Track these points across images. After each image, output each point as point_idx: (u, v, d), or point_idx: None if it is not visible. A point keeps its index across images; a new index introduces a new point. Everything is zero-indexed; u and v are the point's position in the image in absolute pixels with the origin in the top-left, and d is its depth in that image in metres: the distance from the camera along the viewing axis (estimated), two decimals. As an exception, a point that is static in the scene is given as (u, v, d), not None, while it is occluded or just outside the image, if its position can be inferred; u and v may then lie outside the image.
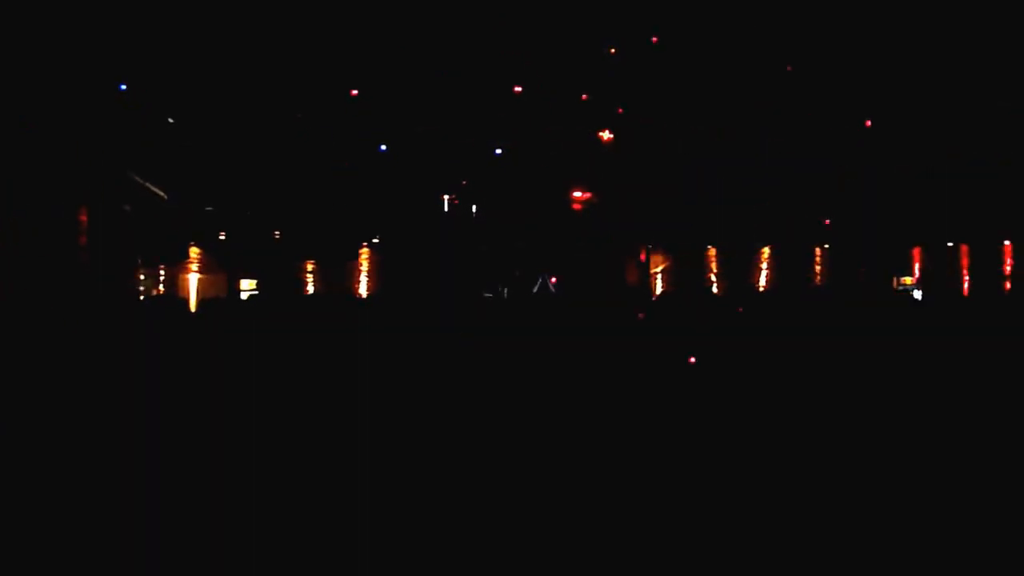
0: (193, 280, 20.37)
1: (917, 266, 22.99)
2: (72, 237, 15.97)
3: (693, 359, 8.84)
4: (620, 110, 19.70)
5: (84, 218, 16.71)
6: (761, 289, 21.80)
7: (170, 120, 18.21)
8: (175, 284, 20.15)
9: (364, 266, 21.20)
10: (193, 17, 16.71)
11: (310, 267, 21.04)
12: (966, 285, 22.04)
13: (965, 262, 22.45)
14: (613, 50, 18.84)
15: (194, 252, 20.21)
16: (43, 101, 14.28)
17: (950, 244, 22.64)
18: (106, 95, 16.30)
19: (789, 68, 19.14)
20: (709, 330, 11.23)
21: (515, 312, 14.39)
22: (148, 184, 17.56)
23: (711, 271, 22.07)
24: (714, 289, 21.57)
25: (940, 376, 7.64)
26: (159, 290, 20.02)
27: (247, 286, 20.20)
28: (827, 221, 21.38)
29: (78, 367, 7.92)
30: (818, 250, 22.66)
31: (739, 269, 21.98)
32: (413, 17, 17.61)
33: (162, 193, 17.30)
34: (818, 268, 22.49)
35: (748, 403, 6.67)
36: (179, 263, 20.07)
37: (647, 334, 10.79)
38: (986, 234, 21.41)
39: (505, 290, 19.94)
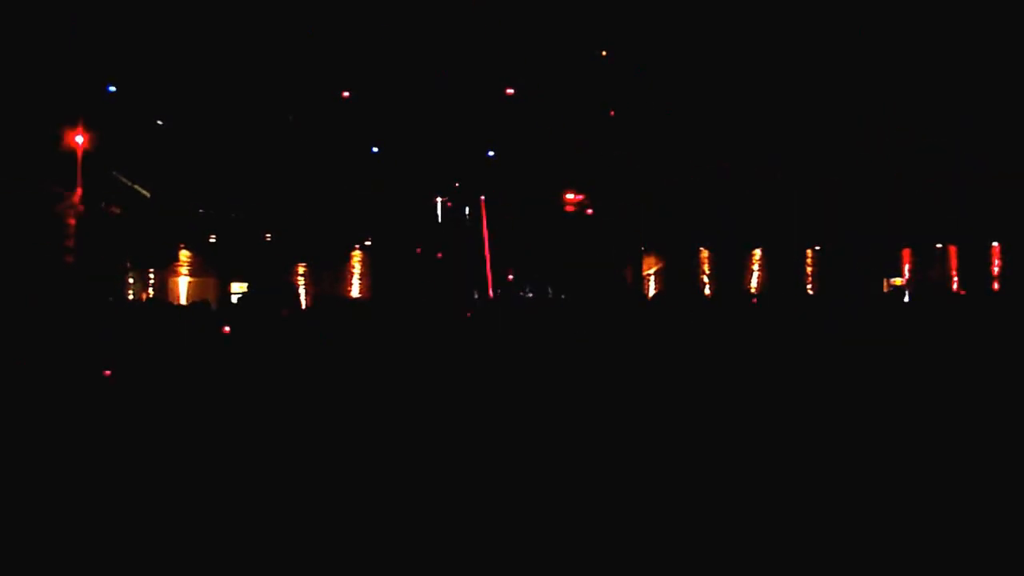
0: (183, 283, 20.25)
1: (907, 267, 23.10)
2: (60, 240, 15.83)
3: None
4: (612, 112, 19.71)
5: (72, 221, 16.57)
6: (753, 290, 21.87)
7: (159, 122, 18.10)
8: (165, 287, 20.04)
9: (356, 268, 21.14)
10: (182, 18, 16.61)
11: (302, 270, 20.97)
12: (955, 285, 22.16)
13: (954, 263, 22.58)
14: (605, 53, 18.84)
15: (184, 255, 20.09)
16: (31, 103, 14.19)
17: (939, 246, 22.77)
18: (95, 97, 16.20)
19: (780, 71, 19.19)
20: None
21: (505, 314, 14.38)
22: (137, 186, 17.45)
23: (703, 273, 22.12)
24: (706, 291, 21.61)
25: (927, 375, 7.65)
26: (148, 293, 19.88)
27: (238, 289, 20.08)
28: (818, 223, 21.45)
29: (66, 371, 7.85)
30: (809, 252, 22.75)
31: (731, 271, 22.04)
32: (404, 19, 17.57)
33: (147, 193, 17.20)
34: (809, 270, 22.58)
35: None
36: (169, 266, 19.95)
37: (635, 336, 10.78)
38: (975, 235, 21.53)
39: (499, 292, 19.90)
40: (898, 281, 22.81)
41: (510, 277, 20.17)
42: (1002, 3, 17.63)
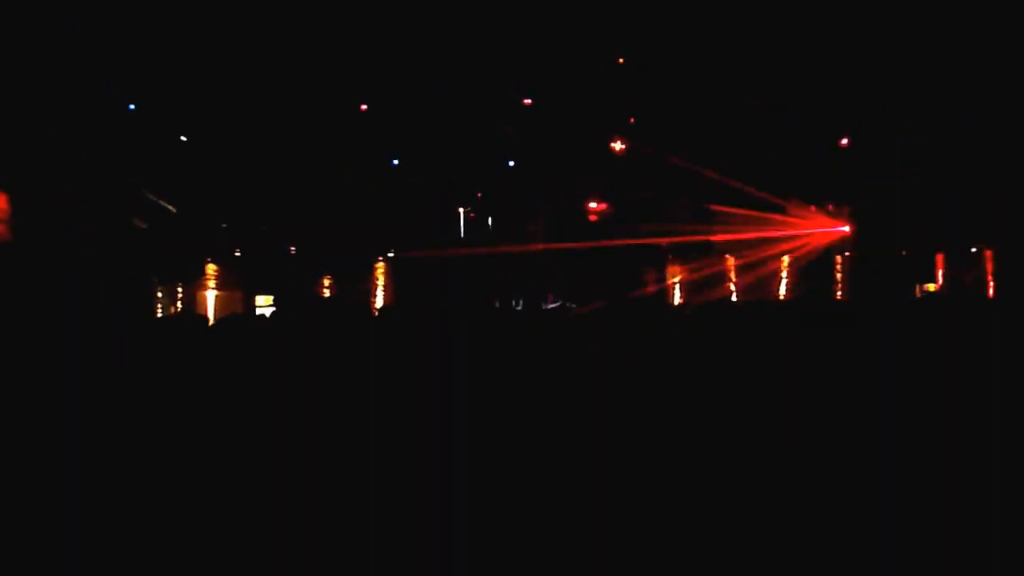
0: (210, 297, 20.46)
1: (940, 272, 22.68)
2: (88, 254, 16.05)
3: None
4: (632, 120, 19.61)
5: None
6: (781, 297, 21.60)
7: (183, 138, 18.34)
8: (193, 301, 20.30)
9: (380, 280, 21.22)
10: (206, 33, 16.84)
11: (327, 282, 21.09)
12: (991, 290, 21.69)
13: (990, 267, 22.12)
14: (622, 60, 18.76)
15: (211, 269, 20.29)
16: (56, 119, 14.44)
17: (974, 249, 22.31)
18: (120, 113, 16.48)
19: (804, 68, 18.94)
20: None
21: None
22: (162, 202, 17.68)
23: (730, 280, 21.89)
24: (733, 298, 21.36)
25: (957, 381, 7.40)
26: (176, 307, 20.13)
27: (263, 302, 20.26)
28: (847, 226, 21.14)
29: (97, 387, 7.86)
30: (838, 257, 22.43)
31: (758, 277, 21.80)
32: (424, 31, 17.65)
33: (171, 207, 17.43)
34: (838, 275, 22.27)
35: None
36: (196, 280, 20.18)
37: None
38: (1011, 238, 21.04)
39: (520, 303, 19.85)
40: (931, 286, 22.40)
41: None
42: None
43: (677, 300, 21.18)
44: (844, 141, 20.26)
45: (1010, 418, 5.80)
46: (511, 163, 20.01)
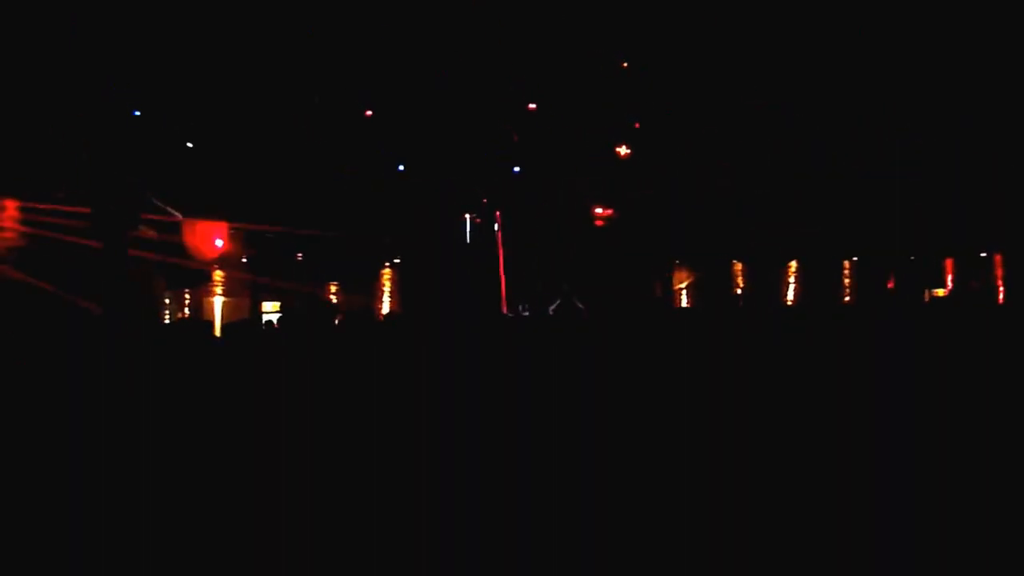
0: (218, 303, 20.54)
1: (950, 277, 22.62)
2: (97, 261, 16.09)
3: None
4: (637, 124, 19.59)
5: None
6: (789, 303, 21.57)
7: (189, 144, 18.41)
8: (199, 307, 20.37)
9: (387, 287, 21.27)
10: (212, 41, 16.93)
11: (333, 288, 21.15)
12: (1001, 295, 21.61)
13: (1000, 272, 22.05)
14: (625, 64, 18.76)
15: (218, 275, 20.35)
16: (64, 125, 14.50)
17: (983, 255, 22.24)
18: (121, 114, 16.56)
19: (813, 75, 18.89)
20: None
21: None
22: (170, 208, 17.71)
23: (737, 286, 21.85)
24: (740, 303, 21.32)
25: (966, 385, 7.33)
26: (184, 313, 20.21)
27: (270, 308, 20.31)
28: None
29: (107, 396, 7.84)
30: (846, 263, 22.38)
31: (766, 283, 21.75)
32: (429, 37, 17.71)
33: (178, 214, 17.45)
34: (847, 281, 22.22)
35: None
36: (203, 286, 20.24)
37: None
38: (1021, 243, 20.96)
39: (526, 308, 19.82)
40: (940, 292, 22.34)
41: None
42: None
43: (684, 304, 21.16)
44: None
45: (1013, 422, 5.74)
46: (516, 168, 20.02)
